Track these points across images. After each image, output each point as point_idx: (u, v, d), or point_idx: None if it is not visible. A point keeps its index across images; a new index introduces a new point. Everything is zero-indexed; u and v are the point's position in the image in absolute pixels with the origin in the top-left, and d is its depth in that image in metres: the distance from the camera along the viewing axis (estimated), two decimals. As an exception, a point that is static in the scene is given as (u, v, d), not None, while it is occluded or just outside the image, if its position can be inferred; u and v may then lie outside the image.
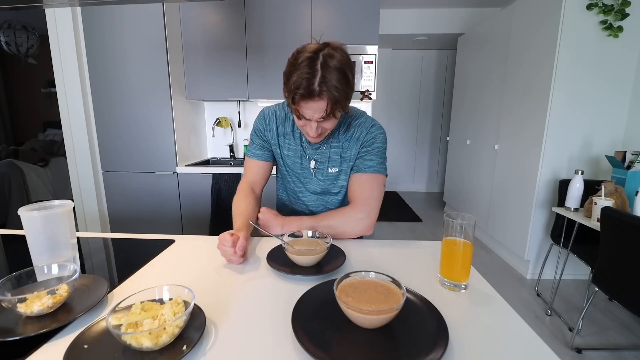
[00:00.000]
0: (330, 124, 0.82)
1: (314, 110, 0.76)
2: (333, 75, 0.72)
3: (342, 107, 0.79)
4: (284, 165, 1.02)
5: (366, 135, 0.92)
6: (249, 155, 1.02)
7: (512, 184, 2.50)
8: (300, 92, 0.73)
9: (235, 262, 0.76)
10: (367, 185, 0.89)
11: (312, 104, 0.75)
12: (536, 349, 0.49)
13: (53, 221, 0.65)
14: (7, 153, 3.63)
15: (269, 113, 0.98)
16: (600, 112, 2.09)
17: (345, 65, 0.75)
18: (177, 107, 2.27)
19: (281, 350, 0.49)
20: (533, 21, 2.27)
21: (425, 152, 5.04)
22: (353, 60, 2.50)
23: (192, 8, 2.29)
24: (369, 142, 0.91)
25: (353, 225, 0.88)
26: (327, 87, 0.72)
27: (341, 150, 0.93)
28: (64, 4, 1.19)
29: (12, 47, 3.31)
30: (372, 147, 0.91)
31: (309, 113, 0.77)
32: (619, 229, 1.37)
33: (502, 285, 2.26)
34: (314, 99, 0.73)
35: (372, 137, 0.91)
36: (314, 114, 0.77)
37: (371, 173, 0.89)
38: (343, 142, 0.94)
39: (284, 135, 0.97)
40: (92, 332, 0.50)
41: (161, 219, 2.32)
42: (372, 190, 0.88)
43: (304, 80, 0.72)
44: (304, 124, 0.82)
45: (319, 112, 0.76)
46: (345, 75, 0.75)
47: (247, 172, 1.03)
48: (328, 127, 0.83)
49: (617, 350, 1.62)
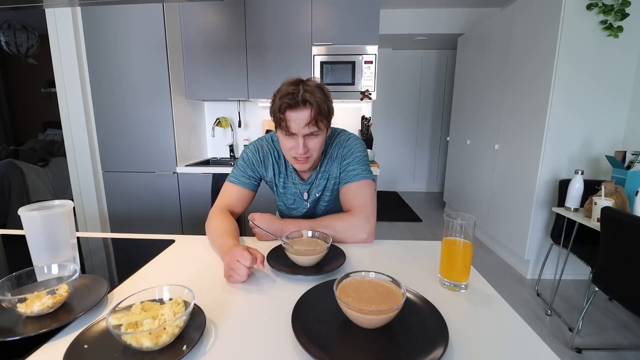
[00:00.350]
0: (315, 143, 0.87)
1: (299, 119, 0.82)
2: (314, 89, 0.83)
3: (325, 119, 0.85)
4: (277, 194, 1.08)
5: (343, 150, 0.97)
6: (232, 180, 0.98)
7: (512, 184, 2.50)
8: (286, 101, 0.80)
9: (238, 281, 0.69)
10: (359, 193, 0.92)
11: (298, 113, 0.82)
12: (536, 349, 0.49)
13: (53, 221, 0.65)
14: (7, 153, 3.63)
15: (264, 148, 1.00)
16: (600, 112, 2.09)
17: (323, 86, 0.86)
18: (177, 107, 2.27)
19: (281, 350, 0.49)
20: (533, 21, 2.27)
21: (425, 152, 5.04)
22: (353, 60, 2.49)
23: (192, 8, 2.29)
24: (348, 154, 0.95)
25: (353, 232, 0.90)
26: (309, 97, 0.81)
27: (328, 176, 0.99)
28: (64, 4, 1.19)
29: (12, 47, 3.31)
30: (352, 157, 0.95)
31: (295, 125, 0.83)
32: (619, 229, 1.37)
33: (502, 285, 2.26)
34: (298, 107, 0.81)
35: (349, 150, 0.96)
36: (300, 123, 0.82)
37: (359, 181, 0.93)
38: (325, 166, 0.99)
39: (279, 174, 1.02)
40: (92, 332, 0.50)
41: (161, 219, 2.32)
42: (364, 196, 0.92)
43: (289, 94, 0.81)
44: (291, 145, 0.86)
45: (304, 120, 0.82)
46: (324, 92, 0.84)
47: (224, 196, 0.98)
48: (313, 147, 0.87)
49: (617, 350, 1.62)
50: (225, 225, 0.86)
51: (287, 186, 1.03)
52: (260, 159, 1.00)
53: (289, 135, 0.85)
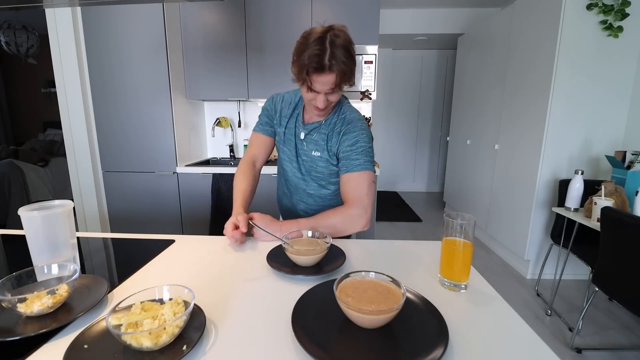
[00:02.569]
0: (336, 97, 0.90)
1: (323, 83, 0.84)
2: (340, 51, 0.81)
3: (348, 80, 0.87)
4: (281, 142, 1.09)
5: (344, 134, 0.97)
6: (255, 129, 1.10)
7: (512, 184, 2.50)
8: (313, 65, 0.81)
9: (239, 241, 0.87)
10: (358, 184, 0.93)
11: (323, 77, 0.83)
12: (536, 349, 0.49)
13: (53, 221, 0.65)
14: (7, 153, 3.63)
15: (278, 97, 1.08)
16: (600, 112, 2.09)
17: (349, 43, 0.85)
18: (177, 107, 2.27)
19: (281, 350, 0.49)
20: (533, 21, 2.27)
21: (425, 152, 5.04)
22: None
23: (192, 8, 2.29)
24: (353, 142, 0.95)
25: (352, 222, 0.92)
26: (336, 62, 0.81)
27: (326, 138, 1.00)
28: (64, 4, 1.19)
29: (12, 47, 3.31)
30: (356, 146, 0.95)
31: (319, 86, 0.85)
32: (619, 229, 1.37)
33: (502, 285, 2.26)
34: (324, 72, 0.82)
35: (355, 139, 0.96)
36: (324, 86, 0.85)
37: (359, 171, 0.93)
38: (328, 132, 1.00)
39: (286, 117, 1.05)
40: (92, 332, 0.50)
41: (161, 219, 2.32)
42: (363, 187, 0.93)
43: (315, 56, 0.80)
44: (312, 97, 0.89)
45: (329, 85, 0.84)
46: (349, 52, 0.84)
47: (251, 146, 1.11)
48: (333, 100, 0.91)
49: (617, 350, 1.62)
50: (242, 185, 1.02)
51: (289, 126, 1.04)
52: (272, 105, 1.07)
53: (308, 90, 0.88)
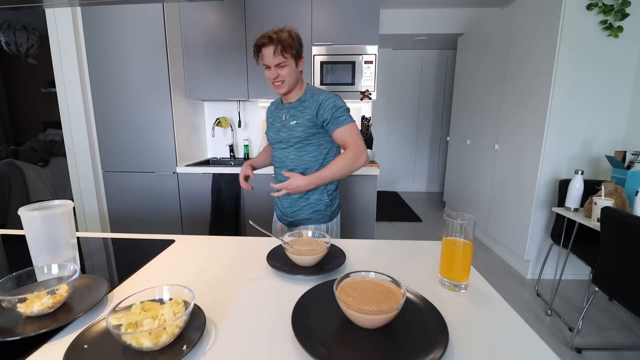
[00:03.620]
0: (285, 71, 1.11)
1: (268, 52, 1.08)
2: (282, 32, 1.09)
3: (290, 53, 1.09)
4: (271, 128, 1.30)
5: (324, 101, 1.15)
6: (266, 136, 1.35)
7: (512, 184, 2.50)
8: (260, 41, 1.09)
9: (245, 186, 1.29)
10: (350, 134, 1.14)
11: (267, 48, 1.08)
12: (536, 349, 0.49)
13: (53, 221, 0.65)
14: (7, 153, 3.63)
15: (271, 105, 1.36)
16: (601, 112, 2.09)
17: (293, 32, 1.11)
18: (177, 107, 2.27)
19: (281, 350, 0.49)
20: (533, 21, 2.27)
21: (425, 152, 5.04)
22: (353, 60, 2.50)
23: (192, 8, 2.29)
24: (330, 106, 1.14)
25: (356, 160, 1.13)
26: (277, 36, 1.07)
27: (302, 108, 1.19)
28: (64, 4, 1.20)
29: (12, 47, 3.31)
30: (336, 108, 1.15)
31: (268, 58, 1.09)
32: (619, 229, 1.37)
33: (502, 285, 2.26)
34: (266, 44, 1.08)
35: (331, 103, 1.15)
36: (270, 55, 1.08)
37: (347, 124, 1.14)
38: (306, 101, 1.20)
39: (275, 110, 1.30)
40: (92, 332, 0.50)
41: (161, 219, 2.32)
42: (354, 134, 1.15)
43: (263, 36, 1.09)
44: (269, 74, 1.13)
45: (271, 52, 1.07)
46: (292, 35, 1.10)
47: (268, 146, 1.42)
48: (283, 74, 1.12)
49: (617, 350, 1.62)
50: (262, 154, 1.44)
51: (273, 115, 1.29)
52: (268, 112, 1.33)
53: (266, 67, 1.12)
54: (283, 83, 1.14)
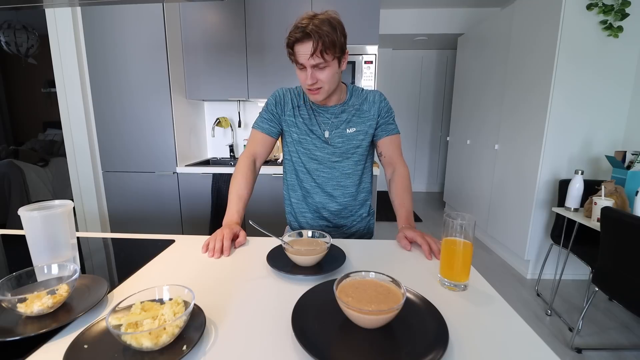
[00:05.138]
0: (325, 75, 0.89)
1: (305, 51, 0.85)
2: (322, 22, 0.84)
3: (333, 53, 0.87)
4: (293, 143, 1.06)
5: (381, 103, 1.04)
6: (255, 127, 1.07)
7: (512, 184, 2.50)
8: (294, 35, 0.85)
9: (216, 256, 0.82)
10: (397, 145, 1.07)
11: (303, 45, 0.85)
12: (536, 349, 0.49)
13: (53, 221, 0.65)
14: (7, 153, 3.63)
15: (283, 90, 1.07)
16: (601, 112, 2.09)
17: (335, 20, 0.87)
18: (177, 107, 2.27)
19: (281, 350, 0.48)
20: (533, 21, 2.27)
21: (425, 152, 5.04)
22: (353, 60, 2.47)
23: (192, 8, 2.29)
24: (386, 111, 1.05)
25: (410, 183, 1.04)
26: (316, 30, 0.83)
27: (359, 112, 1.04)
28: (64, 4, 1.20)
29: (12, 47, 3.31)
30: (390, 116, 1.06)
31: (302, 57, 0.86)
32: (619, 229, 1.37)
33: (502, 285, 2.26)
34: (304, 40, 0.84)
35: (387, 107, 1.05)
36: (306, 55, 0.85)
37: (396, 134, 1.06)
38: (359, 104, 1.04)
39: (298, 107, 1.05)
40: (92, 332, 0.50)
41: (161, 219, 2.32)
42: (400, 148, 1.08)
43: (297, 28, 0.85)
44: (303, 77, 0.90)
45: (309, 52, 0.85)
46: (332, 25, 0.86)
47: (251, 143, 1.07)
48: (322, 78, 0.90)
49: (617, 350, 1.62)
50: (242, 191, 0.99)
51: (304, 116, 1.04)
52: (279, 98, 1.05)
53: (300, 67, 0.90)
54: (321, 90, 0.93)
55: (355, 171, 1.07)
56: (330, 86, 0.93)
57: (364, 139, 1.04)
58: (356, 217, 1.12)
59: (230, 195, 0.99)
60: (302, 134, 1.04)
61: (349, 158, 1.05)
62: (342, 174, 1.06)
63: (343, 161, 1.05)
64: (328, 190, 1.07)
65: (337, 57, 0.90)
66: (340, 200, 1.08)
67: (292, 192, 1.13)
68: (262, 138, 1.06)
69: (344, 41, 0.90)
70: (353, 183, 1.07)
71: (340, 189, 1.07)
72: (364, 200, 1.12)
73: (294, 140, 1.06)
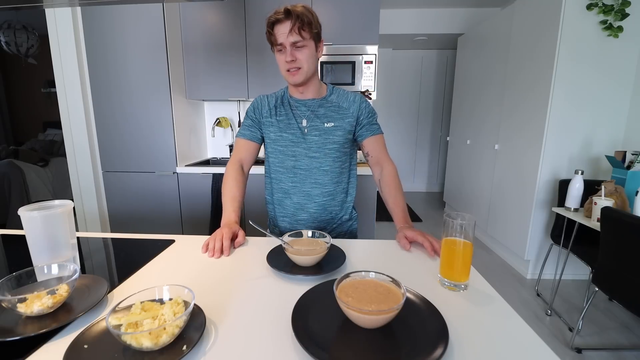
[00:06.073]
0: (304, 55, 0.94)
1: (283, 29, 0.91)
2: (299, 7, 0.92)
3: (310, 31, 0.93)
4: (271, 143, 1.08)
5: (362, 103, 1.07)
6: (239, 135, 1.11)
7: (512, 184, 2.50)
8: (273, 17, 0.92)
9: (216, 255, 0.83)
10: (383, 145, 1.11)
11: (281, 25, 0.91)
12: (536, 349, 0.49)
13: (53, 221, 0.65)
14: (7, 153, 3.63)
15: (260, 97, 1.11)
16: (601, 112, 2.09)
17: (310, 8, 0.95)
18: (177, 107, 2.27)
19: (281, 350, 0.49)
20: (533, 21, 2.27)
21: (425, 152, 5.04)
22: (353, 60, 2.47)
23: (192, 8, 2.29)
24: (368, 112, 1.08)
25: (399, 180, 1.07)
26: (294, 10, 0.90)
27: (338, 108, 1.06)
28: (64, 4, 1.20)
29: (12, 47, 3.31)
30: (372, 116, 1.10)
31: (282, 35, 0.92)
32: (619, 229, 1.37)
33: (502, 285, 2.26)
34: (281, 20, 0.91)
35: (369, 108, 1.09)
36: (285, 32, 0.91)
37: (380, 134, 1.10)
38: (338, 101, 1.07)
39: (275, 107, 1.08)
40: (92, 332, 0.50)
41: (161, 219, 2.32)
42: (385, 146, 1.11)
43: (275, 12, 0.92)
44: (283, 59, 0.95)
45: (287, 28, 0.90)
46: (310, 11, 0.94)
47: (236, 151, 1.11)
48: (301, 58, 0.95)
49: (617, 350, 1.62)
50: (234, 192, 1.02)
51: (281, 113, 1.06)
52: (257, 104, 1.09)
53: (279, 49, 0.94)
54: (300, 70, 0.96)
55: (333, 168, 1.07)
56: (309, 67, 0.97)
57: (342, 135, 1.05)
58: (336, 220, 1.11)
59: (223, 198, 1.01)
60: (279, 131, 1.06)
61: (326, 154, 1.05)
62: (320, 171, 1.06)
63: (321, 157, 1.05)
64: (306, 189, 1.06)
65: (314, 38, 0.96)
66: (318, 200, 1.07)
67: (270, 197, 1.14)
68: (246, 144, 1.10)
69: (319, 27, 0.97)
70: (331, 181, 1.07)
71: (318, 187, 1.06)
72: (342, 201, 1.11)
73: (272, 140, 1.08)
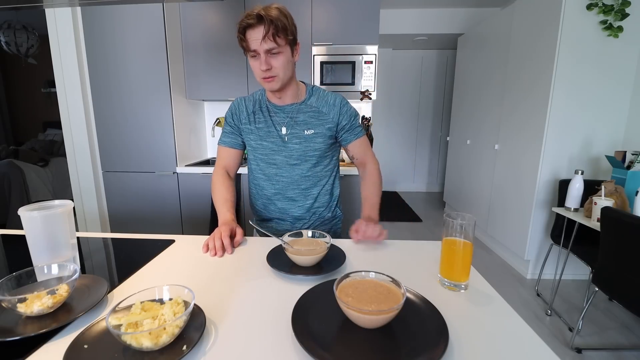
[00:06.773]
0: (279, 62, 0.89)
1: (256, 35, 0.85)
2: (272, 10, 0.86)
3: (285, 37, 0.88)
4: (251, 150, 1.07)
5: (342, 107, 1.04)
6: (220, 143, 1.10)
7: (512, 184, 2.50)
8: (247, 20, 0.85)
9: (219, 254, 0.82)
10: (367, 146, 1.11)
11: (254, 30, 0.85)
12: (536, 349, 0.49)
13: (53, 221, 0.65)
14: (7, 153, 3.63)
15: (238, 100, 1.08)
16: (601, 112, 2.09)
17: (284, 9, 0.89)
18: (177, 107, 2.27)
19: (281, 350, 0.49)
20: (533, 21, 2.27)
21: (425, 152, 5.04)
22: (353, 60, 2.47)
23: (192, 8, 2.29)
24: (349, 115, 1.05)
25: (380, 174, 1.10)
26: (266, 14, 0.84)
27: (317, 114, 1.03)
28: (64, 4, 1.20)
29: (12, 47, 3.31)
30: (354, 119, 1.07)
31: (254, 42, 0.86)
32: (619, 229, 1.37)
33: (502, 285, 2.26)
34: (254, 25, 0.84)
35: (350, 111, 1.06)
36: (258, 39, 0.85)
37: (363, 136, 1.09)
38: (318, 105, 1.04)
39: (254, 113, 1.05)
40: (92, 332, 0.50)
41: (161, 219, 2.32)
42: (370, 147, 1.12)
43: (247, 16, 0.85)
44: (257, 65, 0.90)
45: (260, 34, 0.84)
46: (284, 13, 0.87)
47: (220, 159, 1.11)
48: (276, 65, 0.90)
49: (617, 350, 1.62)
50: (225, 194, 1.01)
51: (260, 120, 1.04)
52: (235, 109, 1.07)
53: (252, 55, 0.89)
54: (276, 78, 0.91)
55: (315, 172, 1.06)
56: (285, 74, 0.93)
57: (322, 142, 1.03)
58: (318, 218, 1.12)
59: (215, 203, 1.01)
60: (259, 139, 1.04)
61: (307, 160, 1.04)
62: (302, 177, 1.05)
63: (302, 164, 1.04)
64: (289, 195, 1.07)
65: (289, 43, 0.90)
66: (302, 203, 1.07)
67: (255, 201, 1.14)
68: (227, 152, 1.09)
69: (295, 30, 0.91)
70: (314, 185, 1.07)
71: (301, 192, 1.07)
72: (327, 202, 1.11)
73: (252, 148, 1.06)
